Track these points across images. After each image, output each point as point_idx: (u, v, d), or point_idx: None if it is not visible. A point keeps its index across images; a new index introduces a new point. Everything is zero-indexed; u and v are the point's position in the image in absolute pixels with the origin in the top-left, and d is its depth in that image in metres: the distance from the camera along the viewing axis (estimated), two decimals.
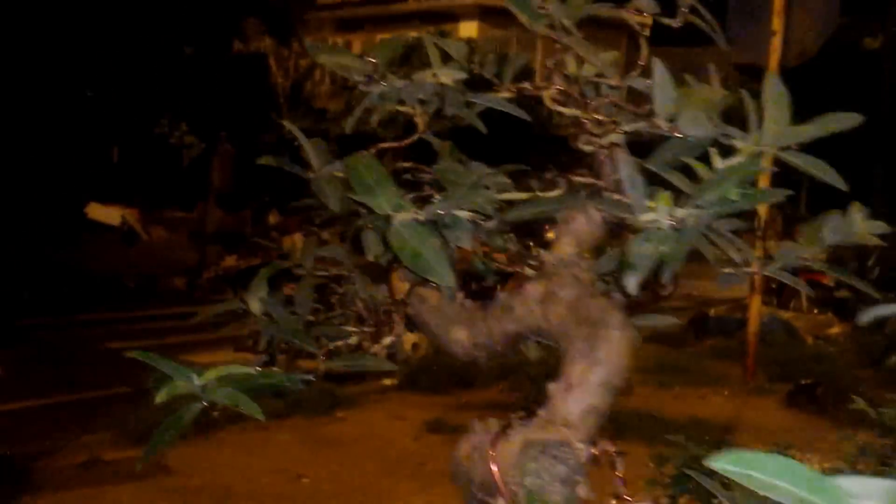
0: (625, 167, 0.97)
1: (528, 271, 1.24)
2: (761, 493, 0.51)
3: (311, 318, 1.39)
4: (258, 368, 1.16)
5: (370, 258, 1.45)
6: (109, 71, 15.46)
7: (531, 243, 1.25)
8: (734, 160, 0.96)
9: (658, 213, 0.92)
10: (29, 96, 14.54)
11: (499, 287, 1.28)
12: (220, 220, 15.89)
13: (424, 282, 1.27)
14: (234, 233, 14.78)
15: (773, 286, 11.92)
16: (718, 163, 0.96)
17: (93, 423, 6.70)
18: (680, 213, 0.91)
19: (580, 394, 1.05)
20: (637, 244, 0.90)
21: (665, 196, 0.92)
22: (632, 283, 0.89)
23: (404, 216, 1.00)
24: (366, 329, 1.30)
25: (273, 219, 15.28)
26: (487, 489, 1.09)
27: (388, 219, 1.00)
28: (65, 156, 15.15)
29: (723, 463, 0.52)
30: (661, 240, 0.90)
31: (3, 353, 8.11)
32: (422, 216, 1.01)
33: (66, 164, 15.11)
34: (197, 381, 1.06)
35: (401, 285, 1.39)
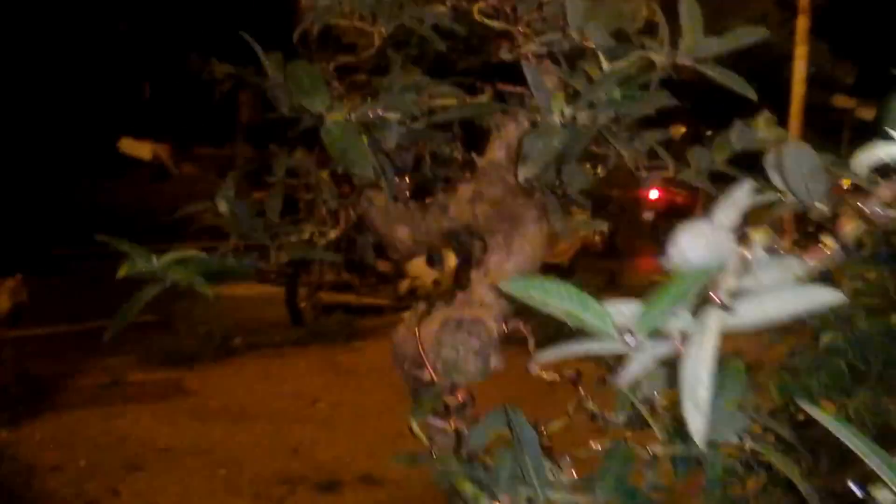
0: (530, 74, 1.08)
1: (467, 175, 1.35)
2: (540, 308, 0.63)
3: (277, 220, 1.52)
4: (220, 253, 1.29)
5: (339, 170, 1.57)
6: (141, 6, 15.56)
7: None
8: (619, 64, 1.06)
9: (555, 113, 1.03)
10: (62, 33, 14.69)
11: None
12: (249, 155, 16.04)
13: (375, 186, 1.40)
14: (262, 168, 14.93)
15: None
16: (605, 66, 1.06)
17: (118, 348, 6.98)
18: (569, 112, 1.02)
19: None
20: (529, 139, 1.01)
21: (558, 96, 1.03)
22: (523, 173, 1.00)
23: (335, 116, 1.11)
24: (322, 229, 1.43)
25: (300, 154, 15.39)
26: (416, 363, 1.22)
27: (321, 119, 1.12)
28: (98, 91, 15.34)
29: (509, 286, 0.64)
30: (551, 135, 1.00)
31: (35, 282, 8.36)
32: (352, 117, 1.13)
33: (99, 100, 15.31)
34: (156, 262, 1.19)
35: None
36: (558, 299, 0.62)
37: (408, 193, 1.40)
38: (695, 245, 0.60)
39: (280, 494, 4.61)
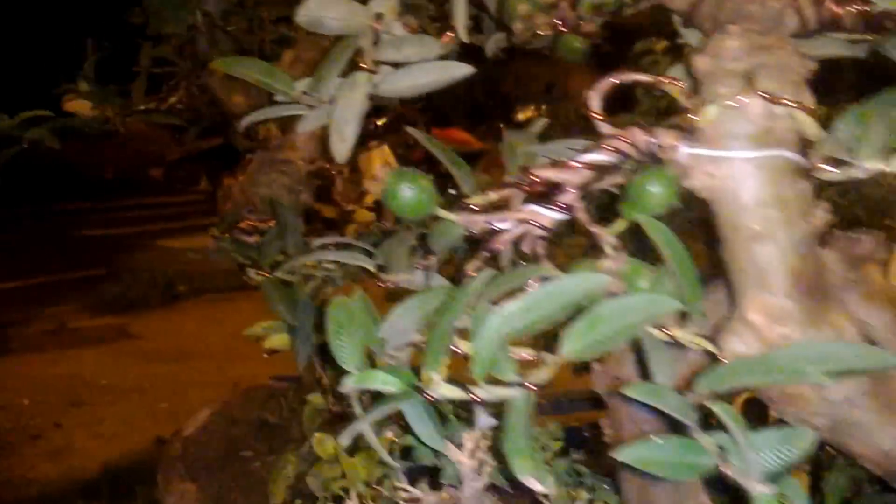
0: None
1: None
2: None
3: None
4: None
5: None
6: None
7: None
8: None
9: None
10: None
11: None
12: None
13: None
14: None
15: None
16: None
17: (63, 298, 7.08)
18: None
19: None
20: None
21: None
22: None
23: None
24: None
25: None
26: (241, 204, 1.41)
27: None
28: (41, 49, 15.18)
29: (217, 64, 0.82)
30: None
31: None
32: None
33: (42, 58, 15.16)
34: (7, 121, 1.36)
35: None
36: (253, 71, 0.81)
37: None
38: (325, 11, 0.77)
39: None
